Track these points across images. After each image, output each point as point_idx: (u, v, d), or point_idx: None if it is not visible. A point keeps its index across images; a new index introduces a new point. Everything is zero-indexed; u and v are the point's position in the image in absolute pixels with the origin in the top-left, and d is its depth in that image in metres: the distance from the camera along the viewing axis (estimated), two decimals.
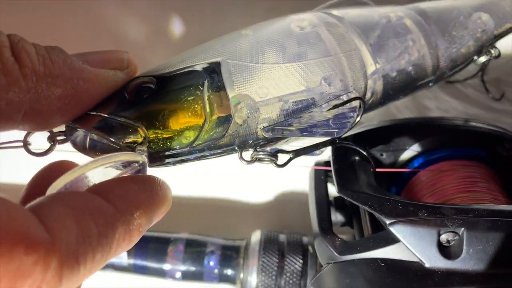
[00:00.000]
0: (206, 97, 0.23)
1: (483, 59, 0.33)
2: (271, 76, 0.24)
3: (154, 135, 0.22)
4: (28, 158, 0.22)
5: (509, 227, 0.25)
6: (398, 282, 0.25)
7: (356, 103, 0.26)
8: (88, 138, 0.22)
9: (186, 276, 0.38)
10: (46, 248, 0.14)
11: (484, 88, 0.43)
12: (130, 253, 0.39)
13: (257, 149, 0.25)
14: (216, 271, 0.38)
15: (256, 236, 0.39)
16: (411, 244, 0.25)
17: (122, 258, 0.39)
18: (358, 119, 0.26)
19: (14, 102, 0.18)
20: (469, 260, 0.25)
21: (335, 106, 0.25)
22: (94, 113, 0.22)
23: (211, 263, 0.38)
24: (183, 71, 0.24)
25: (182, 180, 0.44)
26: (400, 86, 0.29)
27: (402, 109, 0.44)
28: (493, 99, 0.44)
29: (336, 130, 0.25)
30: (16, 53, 0.18)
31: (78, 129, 0.22)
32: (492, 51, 0.33)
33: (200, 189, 0.47)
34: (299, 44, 0.26)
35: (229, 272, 0.38)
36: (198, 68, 0.24)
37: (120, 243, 0.18)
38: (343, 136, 0.27)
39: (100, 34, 0.49)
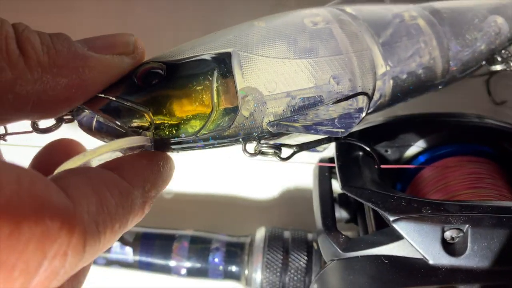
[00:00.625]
0: (214, 87, 0.23)
1: (498, 67, 0.32)
2: (280, 71, 0.24)
3: (160, 122, 0.22)
4: (30, 153, 0.22)
5: None
6: (401, 279, 0.25)
7: (363, 103, 0.25)
8: (95, 120, 0.22)
9: (191, 272, 0.39)
10: (70, 215, 0.15)
11: (487, 90, 0.42)
12: (135, 250, 0.39)
13: (261, 142, 0.25)
14: (221, 267, 0.38)
15: (260, 233, 0.39)
16: (415, 241, 0.25)
17: (128, 254, 0.39)
18: (363, 114, 0.25)
19: (21, 95, 0.18)
20: (473, 257, 0.24)
21: (339, 101, 0.25)
22: (103, 95, 0.22)
23: (216, 260, 0.38)
24: (194, 59, 0.24)
25: (186, 177, 0.44)
26: (410, 89, 0.29)
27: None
28: (493, 103, 0.43)
29: (341, 130, 0.25)
30: (21, 44, 0.18)
31: (86, 110, 0.22)
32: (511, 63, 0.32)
33: (205, 186, 0.47)
34: (311, 40, 0.25)
35: (233, 268, 0.38)
36: (208, 57, 0.24)
37: (135, 215, 0.18)
38: None
39: (106, 28, 0.49)
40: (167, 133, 0.23)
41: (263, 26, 0.26)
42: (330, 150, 0.32)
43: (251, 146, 0.25)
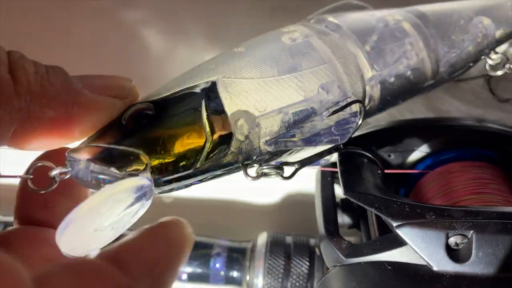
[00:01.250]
0: (204, 117, 0.23)
1: (500, 73, 0.32)
2: (268, 90, 0.24)
3: (156, 161, 0.22)
4: (28, 159, 0.22)
5: None
6: (405, 286, 0.25)
7: (356, 108, 0.25)
8: (90, 171, 0.21)
9: (192, 278, 0.38)
10: None
11: (489, 90, 0.42)
12: None
13: (262, 164, 0.25)
14: (222, 273, 0.38)
15: (262, 238, 0.39)
16: (418, 247, 0.25)
17: None
18: (359, 122, 0.25)
19: (4, 120, 0.18)
20: (478, 264, 0.24)
21: (335, 112, 0.25)
22: (94, 144, 0.21)
23: (217, 265, 0.38)
24: (180, 94, 0.24)
25: None
26: (399, 91, 0.29)
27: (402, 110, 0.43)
28: (499, 101, 0.43)
29: (339, 137, 0.25)
30: (14, 71, 0.18)
31: (79, 162, 0.21)
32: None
33: (207, 191, 0.46)
34: (293, 56, 0.25)
35: (235, 274, 0.38)
36: (195, 89, 0.24)
37: None
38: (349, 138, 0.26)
39: (106, 34, 0.49)
40: (164, 170, 0.22)
41: (244, 51, 0.26)
42: (332, 154, 0.31)
43: (253, 170, 0.25)
